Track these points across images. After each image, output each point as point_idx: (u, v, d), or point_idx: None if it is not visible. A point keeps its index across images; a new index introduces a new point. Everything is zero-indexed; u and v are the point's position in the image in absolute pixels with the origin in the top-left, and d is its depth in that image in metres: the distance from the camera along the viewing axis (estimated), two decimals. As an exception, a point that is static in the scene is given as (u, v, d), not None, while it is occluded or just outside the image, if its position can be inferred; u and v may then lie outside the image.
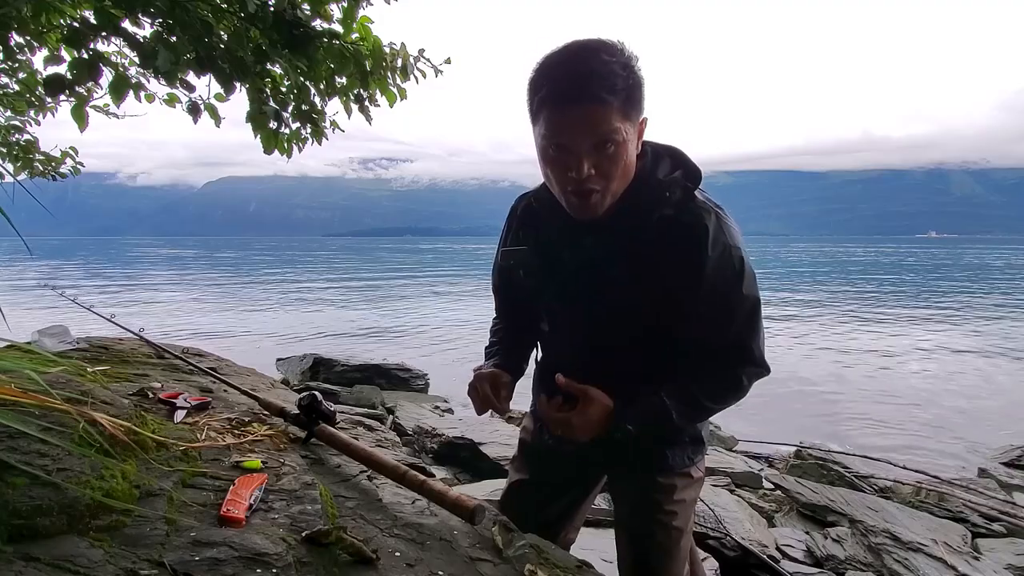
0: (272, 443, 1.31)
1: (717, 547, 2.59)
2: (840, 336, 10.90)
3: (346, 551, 0.91)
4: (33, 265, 34.16)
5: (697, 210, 1.06)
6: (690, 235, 1.04)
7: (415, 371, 6.91)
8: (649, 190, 1.06)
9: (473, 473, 3.74)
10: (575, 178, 0.99)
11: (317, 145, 2.38)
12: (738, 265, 1.07)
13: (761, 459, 4.59)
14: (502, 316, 1.43)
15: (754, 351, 1.12)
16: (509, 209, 1.32)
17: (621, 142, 0.97)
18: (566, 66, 0.96)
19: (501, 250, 1.30)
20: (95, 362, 1.85)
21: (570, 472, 1.36)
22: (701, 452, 1.30)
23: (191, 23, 1.70)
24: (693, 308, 1.08)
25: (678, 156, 1.12)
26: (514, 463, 1.48)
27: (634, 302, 1.12)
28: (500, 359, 1.30)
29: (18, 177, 3.27)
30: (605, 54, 0.95)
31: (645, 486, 1.27)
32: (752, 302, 1.10)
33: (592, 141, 0.96)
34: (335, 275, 29.66)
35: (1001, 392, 7.12)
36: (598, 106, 0.94)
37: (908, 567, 2.45)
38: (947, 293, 19.54)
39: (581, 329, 1.22)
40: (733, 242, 1.07)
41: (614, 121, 0.95)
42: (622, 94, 0.95)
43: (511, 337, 1.37)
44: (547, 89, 0.97)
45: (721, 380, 1.14)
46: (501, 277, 1.35)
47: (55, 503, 0.80)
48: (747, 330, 1.11)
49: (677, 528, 1.27)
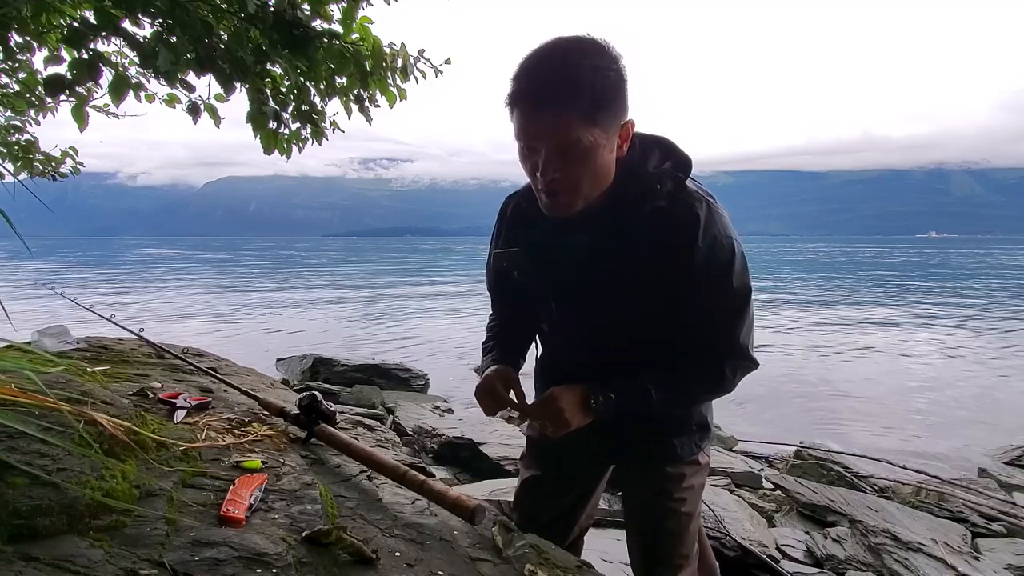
0: (272, 443, 1.31)
1: (717, 547, 2.59)
2: (840, 336, 10.90)
3: (346, 551, 0.91)
4: (33, 265, 34.16)
5: (689, 200, 1.06)
6: (682, 225, 1.04)
7: (415, 371, 6.91)
8: (640, 182, 1.05)
9: (473, 473, 3.74)
10: (541, 178, 1.00)
11: (317, 145, 2.38)
12: (729, 254, 1.07)
13: (761, 459, 4.58)
14: (498, 313, 1.43)
15: (740, 342, 1.12)
16: (499, 210, 1.32)
17: (588, 147, 0.96)
18: (534, 70, 0.96)
19: (494, 252, 1.29)
20: (95, 362, 1.85)
21: (579, 465, 1.37)
22: (707, 437, 1.31)
23: (191, 23, 1.70)
24: (685, 297, 1.08)
25: (667, 146, 1.11)
26: (523, 460, 1.49)
27: (630, 296, 1.11)
28: (498, 353, 1.29)
29: (18, 177, 3.27)
30: (577, 55, 0.93)
31: (655, 477, 1.28)
32: (743, 293, 1.10)
33: (553, 145, 0.96)
34: (335, 275, 29.66)
35: (1001, 392, 7.12)
36: (559, 113, 0.93)
37: (908, 567, 2.45)
38: (947, 293, 19.54)
39: (578, 326, 1.22)
40: (725, 231, 1.07)
41: (575, 129, 0.94)
42: (587, 101, 0.93)
43: (508, 332, 1.37)
44: (515, 88, 0.97)
45: (705, 369, 1.14)
46: (495, 278, 1.35)
47: (55, 503, 0.80)
48: (735, 320, 1.11)
49: (687, 514, 1.28)
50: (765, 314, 13.21)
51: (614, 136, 1.00)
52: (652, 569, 1.30)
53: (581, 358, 1.24)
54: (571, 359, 1.28)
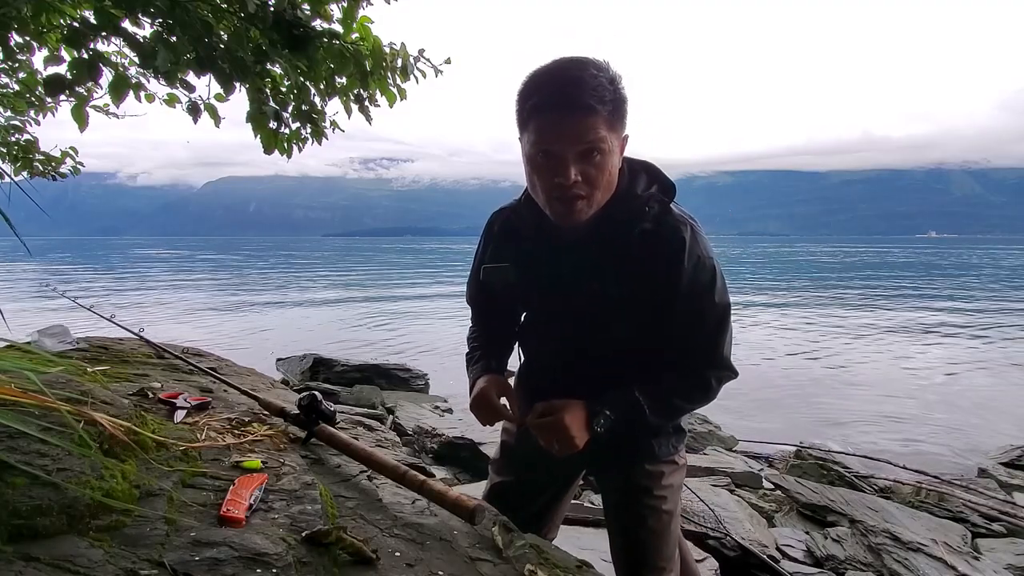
0: (272, 443, 1.31)
1: (717, 547, 2.59)
2: (840, 336, 10.90)
3: (346, 551, 0.91)
4: (33, 265, 34.16)
5: (675, 223, 1.12)
6: (669, 247, 1.10)
7: (415, 371, 6.92)
8: (629, 205, 1.12)
9: (473, 473, 3.74)
10: (561, 183, 1.02)
11: (317, 145, 2.38)
12: (711, 274, 1.13)
13: (761, 459, 4.58)
14: (480, 325, 1.46)
15: (722, 354, 1.18)
16: (485, 224, 1.35)
17: (607, 151, 1.02)
18: (557, 76, 1.01)
19: (482, 267, 1.31)
20: (95, 362, 1.85)
21: (553, 470, 1.38)
22: (683, 440, 1.36)
23: (191, 23, 1.70)
24: (669, 314, 1.13)
25: (653, 171, 1.18)
26: (494, 465, 1.50)
27: (616, 313, 1.16)
28: (487, 363, 1.33)
29: (18, 177, 3.27)
30: (593, 68, 1.00)
31: (634, 475, 1.30)
32: (723, 308, 1.16)
33: (579, 148, 1.01)
34: (335, 275, 29.66)
35: (1001, 392, 7.12)
36: (587, 114, 0.99)
37: (908, 567, 2.45)
38: (948, 293, 19.54)
39: (564, 341, 1.26)
40: (707, 252, 1.13)
41: (601, 130, 1.00)
42: (609, 106, 1.00)
43: (492, 342, 1.40)
44: (538, 97, 1.01)
45: (692, 381, 1.19)
46: (481, 291, 1.38)
47: (55, 503, 0.79)
48: (717, 335, 1.16)
49: (667, 512, 1.31)
50: (765, 314, 13.21)
51: (619, 147, 1.07)
52: (637, 572, 1.31)
53: (565, 368, 1.27)
54: (554, 369, 1.31)
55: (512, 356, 1.42)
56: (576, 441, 1.11)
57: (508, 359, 1.40)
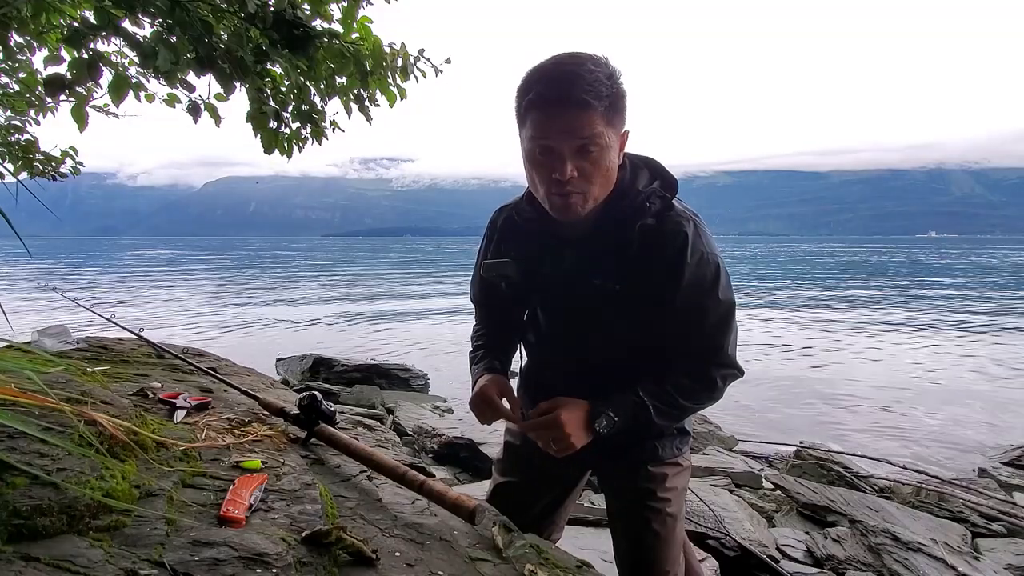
0: (272, 443, 1.31)
1: (717, 547, 2.59)
2: (840, 336, 10.90)
3: (346, 551, 0.91)
4: (33, 265, 34.16)
5: (677, 218, 1.11)
6: (671, 243, 1.09)
7: (415, 371, 6.92)
8: (630, 201, 1.11)
9: (473, 473, 3.75)
10: (558, 179, 1.02)
11: (317, 145, 2.38)
12: (714, 271, 1.11)
13: (761, 459, 4.58)
14: (484, 324, 1.45)
15: (727, 352, 1.16)
16: (488, 222, 1.35)
17: (604, 146, 1.02)
18: (554, 71, 1.01)
19: (484, 263, 1.31)
20: (95, 362, 1.85)
21: (557, 471, 1.38)
22: (687, 442, 1.34)
23: (191, 23, 1.70)
24: (672, 311, 1.12)
25: (655, 167, 1.17)
26: (498, 466, 1.50)
27: (618, 308, 1.15)
28: (489, 362, 1.32)
29: (18, 177, 3.27)
30: (591, 63, 1.00)
31: (638, 477, 1.29)
32: (727, 305, 1.14)
33: (575, 143, 1.00)
34: (335, 275, 29.66)
35: (1002, 392, 7.12)
36: (583, 109, 0.98)
37: (908, 567, 2.45)
38: (947, 293, 19.54)
39: (566, 339, 1.25)
40: (710, 249, 1.12)
41: (597, 125, 1.00)
42: (606, 101, 0.99)
43: (495, 341, 1.39)
44: (535, 92, 1.01)
45: (696, 380, 1.17)
46: (483, 289, 1.37)
47: (55, 503, 0.79)
48: (721, 332, 1.15)
49: (671, 515, 1.30)
50: (765, 314, 13.21)
51: (617, 142, 1.06)
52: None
53: (567, 367, 1.27)
54: (557, 367, 1.31)
55: (516, 356, 1.41)
56: (573, 441, 1.10)
57: (512, 358, 1.39)
